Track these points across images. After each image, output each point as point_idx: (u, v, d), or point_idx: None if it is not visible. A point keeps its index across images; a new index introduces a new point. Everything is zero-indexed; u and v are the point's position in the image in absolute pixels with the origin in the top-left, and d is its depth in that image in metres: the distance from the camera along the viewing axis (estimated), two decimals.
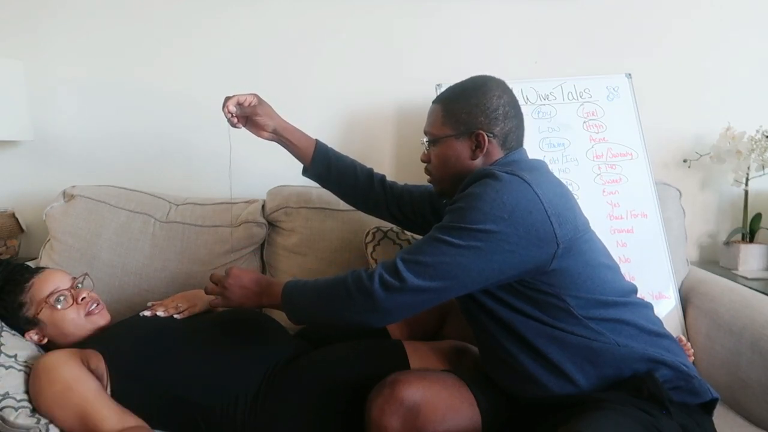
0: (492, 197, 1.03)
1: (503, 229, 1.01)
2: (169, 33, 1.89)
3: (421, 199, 1.44)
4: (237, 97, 1.30)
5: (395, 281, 1.02)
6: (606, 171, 1.72)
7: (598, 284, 1.10)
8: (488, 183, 1.05)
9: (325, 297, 1.10)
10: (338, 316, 1.08)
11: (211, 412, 1.23)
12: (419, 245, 1.06)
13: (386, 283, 1.02)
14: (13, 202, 1.89)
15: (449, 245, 1.02)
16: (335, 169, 1.44)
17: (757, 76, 1.95)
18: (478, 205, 1.03)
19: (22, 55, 1.84)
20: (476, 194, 1.05)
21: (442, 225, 1.06)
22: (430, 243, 1.05)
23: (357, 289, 1.05)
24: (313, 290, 1.12)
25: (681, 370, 1.06)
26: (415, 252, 1.05)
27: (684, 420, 1.00)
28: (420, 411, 1.03)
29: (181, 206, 1.74)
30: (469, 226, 1.02)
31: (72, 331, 1.32)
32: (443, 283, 1.03)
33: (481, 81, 1.20)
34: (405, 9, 1.90)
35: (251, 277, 1.21)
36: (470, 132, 1.17)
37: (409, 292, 1.02)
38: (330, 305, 1.09)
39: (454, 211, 1.06)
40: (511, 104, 1.19)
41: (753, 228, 1.89)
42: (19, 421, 1.11)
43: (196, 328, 1.35)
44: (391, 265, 1.04)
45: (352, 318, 1.07)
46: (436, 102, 1.24)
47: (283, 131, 1.38)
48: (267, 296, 1.19)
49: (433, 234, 1.06)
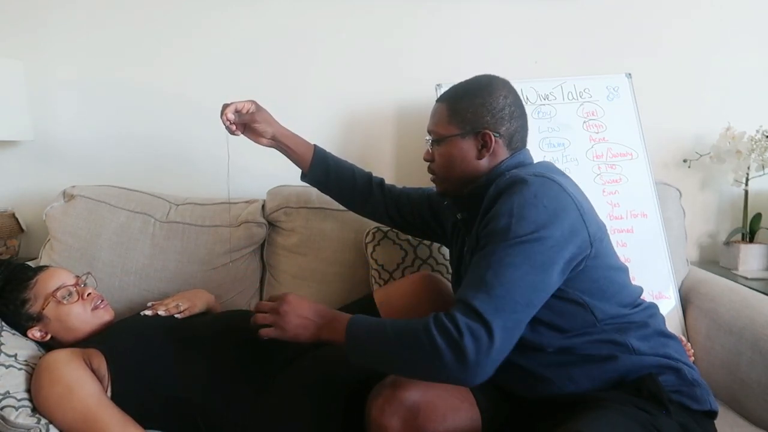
0: (533, 203, 1.00)
1: (552, 233, 0.98)
2: (169, 33, 1.89)
3: (419, 201, 1.44)
4: (235, 105, 1.30)
5: (481, 326, 0.93)
6: (606, 171, 1.72)
7: (617, 287, 1.09)
8: (522, 190, 1.02)
9: (402, 344, 0.97)
10: (416, 369, 0.97)
11: (211, 412, 1.23)
12: (480, 278, 0.97)
13: (474, 332, 0.92)
14: (13, 202, 1.89)
15: (513, 267, 0.96)
16: (334, 174, 1.44)
17: (757, 76, 1.95)
18: (523, 213, 0.99)
19: (22, 55, 1.84)
20: (516, 204, 1.01)
21: (494, 249, 0.98)
22: (493, 271, 0.97)
23: (446, 342, 0.93)
24: (387, 333, 0.99)
25: (685, 378, 1.06)
26: (481, 286, 0.96)
27: (684, 419, 1.00)
28: (420, 411, 1.03)
29: (181, 206, 1.74)
30: (522, 239, 0.97)
31: (77, 326, 1.32)
32: (525, 310, 0.96)
33: (486, 80, 1.19)
34: (405, 9, 1.90)
35: (311, 306, 1.10)
36: (476, 131, 1.15)
37: (498, 338, 0.93)
38: (408, 355, 0.97)
39: (497, 231, 1.00)
40: (517, 104, 1.18)
41: (753, 228, 1.89)
42: (19, 420, 1.11)
43: (196, 328, 1.35)
44: (467, 309, 0.95)
45: (436, 375, 0.96)
46: (441, 101, 1.22)
47: (281, 137, 1.38)
48: (328, 330, 1.06)
49: (488, 261, 0.98)
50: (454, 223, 1.32)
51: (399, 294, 1.50)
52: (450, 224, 1.35)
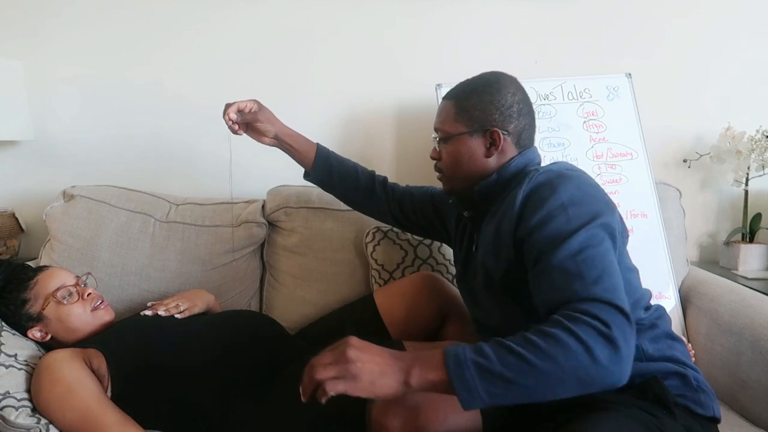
0: (581, 193, 1.00)
1: (606, 219, 0.98)
2: (169, 33, 1.89)
3: (422, 200, 1.44)
4: (237, 104, 1.29)
5: (615, 311, 0.86)
6: (606, 171, 1.73)
7: (632, 289, 1.08)
8: (565, 183, 1.01)
9: (542, 358, 0.82)
10: (566, 382, 0.83)
11: (211, 413, 1.23)
12: (576, 273, 0.91)
13: (614, 319, 0.85)
14: (13, 202, 1.89)
15: (597, 252, 0.93)
16: (336, 173, 1.44)
17: (757, 76, 1.96)
18: (576, 204, 0.98)
19: (22, 55, 1.84)
20: (565, 197, 0.99)
21: (569, 243, 0.94)
22: (582, 262, 0.91)
23: (597, 336, 0.83)
24: (513, 353, 0.83)
25: (691, 384, 1.05)
26: (583, 278, 0.90)
27: (688, 423, 0.99)
28: (421, 411, 1.03)
29: (181, 206, 1.73)
30: (587, 227, 0.95)
31: (77, 326, 1.32)
32: (623, 288, 0.92)
33: (494, 78, 1.17)
34: (405, 9, 1.90)
35: (381, 348, 0.90)
36: (484, 129, 1.14)
37: (631, 318, 0.87)
38: (553, 368, 0.82)
39: (560, 227, 0.96)
40: (525, 101, 1.17)
41: (753, 228, 1.89)
42: (19, 420, 1.11)
43: (196, 328, 1.35)
44: (589, 302, 0.87)
45: (591, 381, 0.83)
46: (448, 98, 1.20)
47: (284, 137, 1.38)
48: (420, 365, 0.86)
49: (571, 257, 0.92)
50: (458, 221, 1.31)
51: (399, 294, 1.50)
52: (453, 222, 1.34)
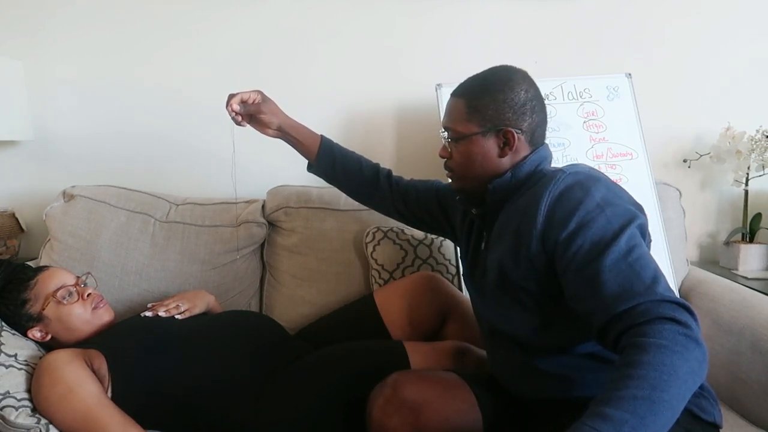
0: (614, 196, 0.99)
1: (639, 217, 0.98)
2: (169, 32, 1.89)
3: (427, 194, 1.40)
4: (241, 95, 1.28)
5: (682, 309, 0.88)
6: (606, 171, 1.72)
7: None
8: (598, 186, 1.00)
9: (669, 371, 0.83)
10: (691, 383, 0.86)
11: (211, 414, 1.23)
12: (634, 277, 0.90)
13: (691, 315, 0.88)
14: (13, 202, 1.89)
15: (642, 252, 0.92)
16: (341, 165, 1.42)
17: (757, 76, 1.95)
18: (612, 206, 0.97)
19: (22, 55, 1.84)
20: (600, 201, 0.97)
21: (616, 246, 0.93)
22: (635, 264, 0.91)
23: (692, 346, 0.85)
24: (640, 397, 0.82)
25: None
26: (642, 282, 0.90)
27: (690, 425, 0.99)
28: (421, 411, 1.03)
29: (181, 206, 1.73)
30: (625, 227, 0.94)
31: (78, 326, 1.32)
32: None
33: (506, 74, 1.12)
34: (405, 8, 1.90)
35: None
36: (498, 129, 1.09)
37: (692, 312, 0.89)
38: (687, 389, 0.85)
39: (601, 232, 0.95)
40: (537, 97, 1.13)
41: (753, 228, 1.89)
42: (19, 420, 1.11)
43: (196, 329, 1.35)
44: (659, 305, 0.87)
45: (701, 374, 0.88)
46: (458, 96, 1.14)
47: (288, 128, 1.37)
48: None
49: (624, 260, 0.92)
50: (464, 217, 1.28)
51: (399, 294, 1.50)
52: (459, 218, 1.31)
